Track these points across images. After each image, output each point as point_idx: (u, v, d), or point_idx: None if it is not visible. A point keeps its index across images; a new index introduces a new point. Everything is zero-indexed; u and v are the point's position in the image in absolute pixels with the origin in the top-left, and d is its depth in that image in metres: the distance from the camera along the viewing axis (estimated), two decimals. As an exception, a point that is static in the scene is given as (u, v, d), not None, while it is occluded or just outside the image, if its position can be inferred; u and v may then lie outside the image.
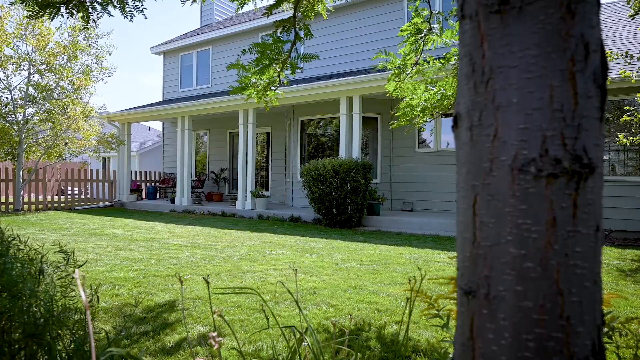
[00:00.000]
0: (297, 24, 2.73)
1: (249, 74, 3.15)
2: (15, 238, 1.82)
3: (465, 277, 0.68)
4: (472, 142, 0.67)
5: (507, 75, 0.63)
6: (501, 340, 0.62)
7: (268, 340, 2.97)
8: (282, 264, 5.33)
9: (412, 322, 3.30)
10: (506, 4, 0.64)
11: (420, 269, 2.46)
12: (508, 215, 0.62)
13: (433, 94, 3.31)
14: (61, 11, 2.74)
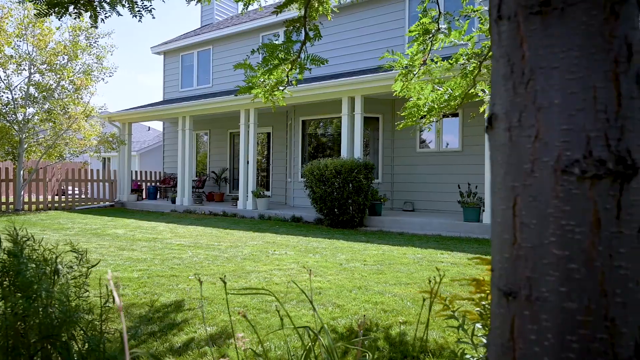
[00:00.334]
0: (307, 24, 2.72)
1: (256, 73, 3.15)
2: (29, 238, 1.82)
3: (504, 278, 0.68)
4: (511, 143, 0.67)
5: (548, 76, 0.63)
6: (544, 341, 0.62)
7: (276, 340, 2.97)
8: (285, 264, 5.32)
9: (420, 322, 3.30)
10: (547, 5, 0.64)
11: (438, 269, 2.46)
12: (551, 216, 0.62)
13: (440, 94, 3.31)
14: (69, 10, 2.74)
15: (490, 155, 0.76)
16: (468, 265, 5.25)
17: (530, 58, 0.65)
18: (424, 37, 2.87)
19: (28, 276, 1.53)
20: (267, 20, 13.81)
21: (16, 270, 1.54)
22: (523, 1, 0.66)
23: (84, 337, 1.64)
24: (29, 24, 12.31)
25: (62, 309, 1.41)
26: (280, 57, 2.69)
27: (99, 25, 2.91)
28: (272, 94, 3.22)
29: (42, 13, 2.60)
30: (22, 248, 1.72)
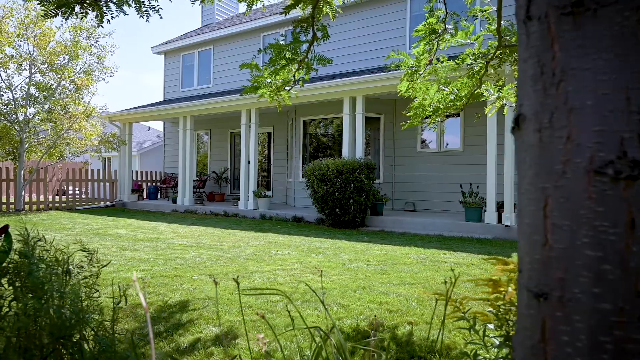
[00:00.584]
0: (315, 24, 2.72)
1: (262, 73, 3.15)
2: (40, 239, 1.81)
3: (534, 279, 0.68)
4: (541, 144, 0.67)
5: (580, 78, 0.63)
6: (577, 342, 0.62)
7: (282, 340, 2.97)
8: (289, 264, 5.32)
9: (425, 322, 3.30)
10: (580, 5, 0.63)
11: (453, 269, 2.46)
12: (584, 217, 0.62)
13: (445, 95, 3.31)
14: (75, 11, 2.73)
15: (517, 156, 0.76)
16: (471, 265, 5.25)
17: (561, 59, 0.65)
18: (430, 37, 2.87)
19: (39, 277, 1.53)
20: (268, 20, 13.81)
21: (27, 271, 1.54)
22: (554, 2, 0.66)
23: (94, 338, 1.64)
24: (29, 24, 12.30)
25: (74, 309, 1.41)
26: (288, 57, 2.69)
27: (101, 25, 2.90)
28: (278, 94, 3.22)
29: (50, 14, 2.60)
30: (33, 248, 1.72)
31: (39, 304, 1.50)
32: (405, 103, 11.27)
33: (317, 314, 3.47)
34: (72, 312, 1.42)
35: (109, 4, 2.82)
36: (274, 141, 14.07)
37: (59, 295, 1.45)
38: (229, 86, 14.94)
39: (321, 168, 8.89)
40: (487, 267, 5.13)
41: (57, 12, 2.62)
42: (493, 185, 8.06)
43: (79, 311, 1.40)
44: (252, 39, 14.53)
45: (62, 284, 1.52)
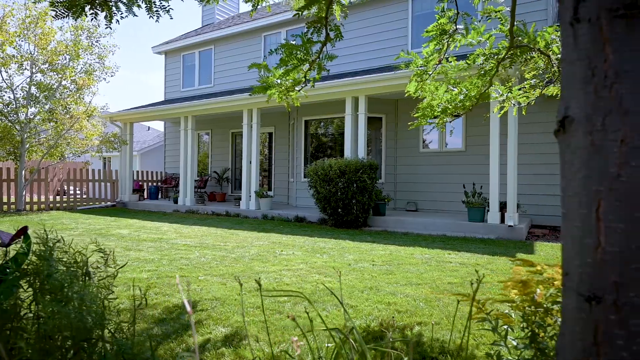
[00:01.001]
0: (328, 24, 2.71)
1: (271, 74, 3.14)
2: (59, 240, 1.81)
3: (585, 283, 0.67)
4: (592, 147, 0.67)
5: (635, 80, 0.63)
6: (632, 346, 0.61)
7: (285, 343, 2.96)
8: (294, 264, 5.32)
9: (435, 323, 3.29)
10: (633, 8, 0.63)
11: (477, 272, 2.46)
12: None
13: (454, 95, 3.30)
14: (85, 11, 2.72)
15: (562, 158, 0.75)
16: (477, 265, 5.25)
17: (614, 61, 0.65)
18: (441, 37, 2.87)
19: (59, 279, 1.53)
20: (269, 20, 13.80)
21: (46, 273, 1.53)
22: (606, 4, 0.65)
23: (113, 339, 1.64)
24: (30, 24, 12.28)
25: (96, 311, 1.41)
26: (300, 58, 2.69)
27: (101, 25, 2.90)
28: (287, 94, 3.21)
29: (60, 15, 2.59)
30: (51, 250, 1.71)
31: (60, 306, 1.49)
32: (407, 103, 11.29)
33: (326, 315, 3.47)
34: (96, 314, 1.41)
35: (119, 4, 2.81)
36: (275, 141, 14.06)
37: (79, 297, 1.44)
38: (230, 86, 14.93)
39: (324, 168, 8.88)
40: (493, 267, 5.13)
41: (67, 13, 2.61)
42: (496, 185, 8.06)
43: (101, 313, 1.39)
44: (253, 39, 14.52)
45: (81, 287, 1.51)
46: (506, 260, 5.62)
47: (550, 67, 3.01)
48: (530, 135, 9.40)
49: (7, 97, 12.37)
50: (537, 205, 9.41)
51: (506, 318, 1.60)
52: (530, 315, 1.44)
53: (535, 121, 9.33)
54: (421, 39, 11.42)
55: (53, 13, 2.58)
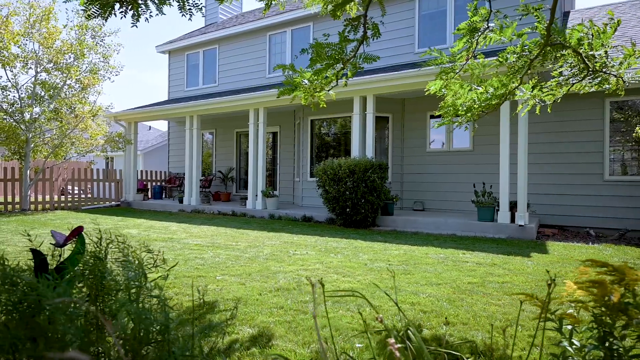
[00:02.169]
0: (367, 22, 2.68)
1: (297, 75, 3.11)
2: (112, 240, 1.78)
3: None
4: None
5: None
6: None
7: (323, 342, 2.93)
8: (310, 264, 5.29)
9: (461, 323, 3.27)
10: None
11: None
12: None
13: (480, 94, 3.28)
14: (114, 10, 2.70)
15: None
16: (494, 265, 5.23)
17: None
18: (472, 35, 2.85)
19: (116, 279, 1.50)
20: (274, 19, 13.77)
21: (101, 274, 1.51)
22: None
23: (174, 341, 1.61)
24: (35, 22, 12.23)
25: (164, 314, 1.38)
26: (334, 57, 2.65)
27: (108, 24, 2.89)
28: (314, 94, 3.18)
29: (93, 14, 2.56)
30: (106, 249, 1.69)
31: (136, 308, 1.47)
32: (414, 102, 11.27)
33: (351, 315, 3.44)
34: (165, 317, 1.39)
35: (148, 2, 2.78)
36: (281, 140, 14.03)
37: (139, 299, 1.41)
38: (234, 85, 14.90)
39: (333, 167, 8.85)
40: (510, 267, 5.11)
41: (99, 12, 2.58)
42: (506, 184, 8.05)
43: (169, 317, 1.37)
44: (258, 38, 14.48)
45: (138, 289, 1.48)
46: (522, 259, 5.60)
47: (579, 64, 2.99)
48: (537, 135, 9.39)
49: (12, 97, 12.33)
50: (545, 204, 9.40)
51: (572, 318, 1.57)
52: (601, 315, 1.41)
53: (540, 121, 9.32)
54: (428, 39, 11.40)
55: (84, 12, 2.55)
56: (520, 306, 2.98)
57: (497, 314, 3.48)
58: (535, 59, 2.72)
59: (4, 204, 12.22)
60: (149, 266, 1.74)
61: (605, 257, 6.01)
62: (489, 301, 3.79)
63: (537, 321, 3.31)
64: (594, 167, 9.01)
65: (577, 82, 3.05)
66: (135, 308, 1.29)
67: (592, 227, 8.82)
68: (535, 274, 4.81)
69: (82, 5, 2.51)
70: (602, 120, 8.95)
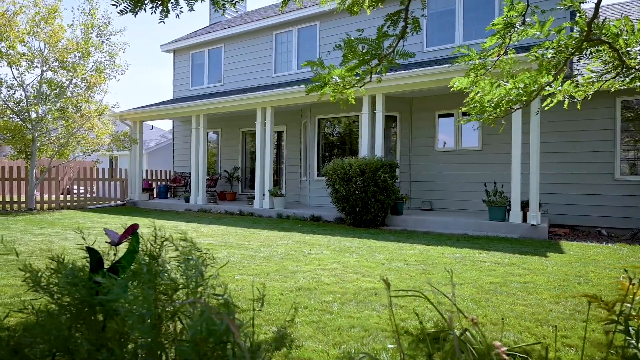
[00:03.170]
0: (407, 17, 2.64)
1: (326, 71, 3.07)
2: (167, 239, 1.73)
3: None
4: None
5: None
6: None
7: (352, 342, 2.89)
8: (327, 263, 5.24)
9: (491, 323, 3.22)
10: None
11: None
12: None
13: (508, 90, 3.23)
14: (145, 5, 2.65)
15: None
16: (512, 265, 5.18)
17: None
18: (506, 30, 2.80)
19: (173, 279, 1.46)
20: (280, 18, 13.71)
21: (154, 273, 1.46)
22: None
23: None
24: (40, 21, 12.18)
25: (232, 314, 1.34)
26: (370, 52, 2.60)
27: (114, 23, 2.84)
28: (343, 91, 3.13)
29: (125, 10, 2.51)
30: (160, 248, 1.64)
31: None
32: (422, 102, 11.22)
33: (378, 315, 3.40)
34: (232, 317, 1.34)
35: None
36: (287, 140, 13.98)
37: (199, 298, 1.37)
38: (240, 84, 14.85)
39: (343, 167, 8.81)
40: (529, 267, 5.06)
41: (130, 7, 2.54)
42: (518, 183, 8.00)
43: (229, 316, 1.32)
44: (263, 37, 14.43)
45: (195, 287, 1.44)
46: (539, 259, 5.55)
47: (614, 60, 2.95)
48: (546, 134, 9.35)
49: (18, 96, 12.28)
50: (555, 204, 9.35)
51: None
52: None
53: (550, 120, 9.27)
54: (436, 38, 11.35)
55: (115, 7, 2.51)
56: (585, 307, 2.93)
57: (526, 314, 3.44)
58: (572, 55, 2.67)
59: (9, 203, 12.18)
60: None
61: (621, 257, 5.96)
62: (515, 301, 3.75)
63: (569, 321, 3.27)
64: (604, 166, 8.96)
65: (611, 79, 3.00)
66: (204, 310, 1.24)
67: (603, 226, 8.78)
68: (556, 273, 4.76)
69: (114, 4, 2.46)
70: (613, 119, 8.90)
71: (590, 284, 4.33)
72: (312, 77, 3.14)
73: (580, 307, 3.60)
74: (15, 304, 3.59)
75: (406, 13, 2.63)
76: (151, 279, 1.42)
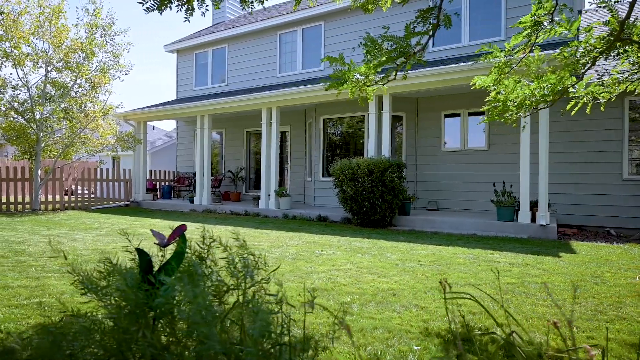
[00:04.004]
0: (440, 14, 2.61)
1: (346, 67, 3.04)
2: (215, 239, 1.71)
3: None
4: None
5: None
6: None
7: (377, 343, 2.86)
8: (340, 264, 5.22)
9: (515, 324, 3.20)
10: None
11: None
12: None
13: (532, 89, 3.21)
14: (171, 2, 2.62)
15: None
16: (527, 265, 5.16)
17: None
18: (533, 29, 2.78)
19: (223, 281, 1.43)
20: (285, 18, 13.70)
21: (206, 275, 1.44)
22: None
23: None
24: (44, 21, 12.14)
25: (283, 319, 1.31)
26: (398, 50, 2.58)
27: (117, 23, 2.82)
28: (363, 88, 3.11)
29: (150, 7, 2.49)
30: (208, 249, 1.62)
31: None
32: (428, 102, 11.20)
33: (399, 316, 3.37)
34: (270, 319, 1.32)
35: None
36: (291, 140, 13.96)
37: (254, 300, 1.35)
38: (244, 85, 14.83)
39: (351, 167, 8.78)
40: (545, 267, 5.04)
41: (156, 5, 2.51)
42: (527, 184, 7.98)
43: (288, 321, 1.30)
44: (268, 37, 14.41)
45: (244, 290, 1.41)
46: (553, 259, 5.53)
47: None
48: (554, 134, 9.33)
49: (22, 96, 12.24)
50: (562, 204, 9.33)
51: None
52: None
53: (558, 120, 9.25)
54: (442, 38, 11.32)
55: (142, 6, 2.48)
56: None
57: (548, 315, 3.42)
58: (601, 55, 2.65)
59: (14, 204, 12.14)
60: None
61: (634, 257, 5.94)
62: (535, 302, 3.73)
63: (592, 322, 3.25)
64: (612, 166, 8.95)
65: (638, 80, 2.98)
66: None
67: (611, 226, 8.76)
68: (572, 274, 4.74)
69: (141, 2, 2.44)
70: (621, 119, 8.89)
71: (608, 285, 4.31)
72: (330, 74, 3.11)
73: (602, 308, 3.58)
74: (31, 305, 3.56)
75: (439, 10, 2.61)
76: (203, 280, 1.39)
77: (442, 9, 2.60)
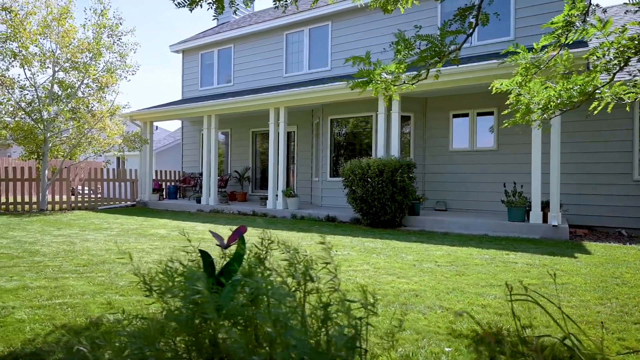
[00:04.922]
0: (480, 13, 2.60)
1: (372, 67, 3.03)
2: (273, 241, 1.70)
3: None
4: None
5: None
6: None
7: (408, 345, 2.85)
8: (356, 265, 5.21)
9: (543, 326, 3.18)
10: None
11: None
12: None
13: (558, 91, 3.20)
14: (201, 2, 2.62)
15: None
16: (544, 266, 5.15)
17: None
18: (564, 29, 2.76)
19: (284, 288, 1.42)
20: (291, 18, 13.69)
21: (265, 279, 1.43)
22: None
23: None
24: (52, 21, 12.14)
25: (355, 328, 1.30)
26: (433, 49, 2.57)
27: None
28: (389, 87, 3.10)
29: (180, 4, 2.48)
30: (266, 251, 1.61)
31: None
32: (437, 102, 11.18)
33: (425, 317, 3.36)
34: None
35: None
36: (298, 140, 13.94)
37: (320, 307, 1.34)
38: (250, 85, 14.82)
39: (362, 167, 8.77)
40: (563, 268, 5.02)
41: (187, 2, 2.50)
42: (539, 184, 7.96)
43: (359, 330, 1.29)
44: (274, 37, 14.41)
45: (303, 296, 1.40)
46: (569, 260, 5.52)
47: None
48: (564, 135, 9.30)
49: (30, 96, 12.24)
50: (572, 204, 9.31)
51: None
52: None
53: (568, 120, 9.23)
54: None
55: (173, 1, 2.47)
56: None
57: (574, 316, 3.40)
58: (635, 55, 2.63)
59: (22, 204, 12.14)
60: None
61: (649, 257, 5.92)
62: (560, 303, 3.71)
63: (620, 323, 3.23)
64: (623, 166, 8.93)
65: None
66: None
67: (622, 227, 8.74)
68: (590, 275, 4.72)
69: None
70: (632, 119, 8.87)
71: (629, 285, 4.30)
72: (354, 74, 3.10)
73: (627, 309, 3.56)
74: (54, 306, 3.55)
75: (478, 9, 2.59)
76: (266, 282, 1.38)
77: (481, 8, 2.59)
